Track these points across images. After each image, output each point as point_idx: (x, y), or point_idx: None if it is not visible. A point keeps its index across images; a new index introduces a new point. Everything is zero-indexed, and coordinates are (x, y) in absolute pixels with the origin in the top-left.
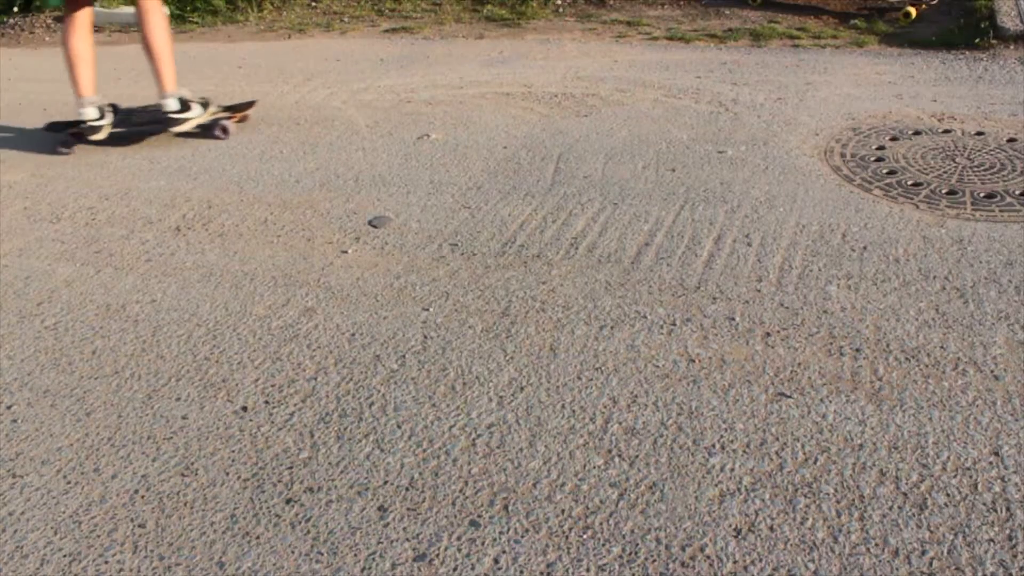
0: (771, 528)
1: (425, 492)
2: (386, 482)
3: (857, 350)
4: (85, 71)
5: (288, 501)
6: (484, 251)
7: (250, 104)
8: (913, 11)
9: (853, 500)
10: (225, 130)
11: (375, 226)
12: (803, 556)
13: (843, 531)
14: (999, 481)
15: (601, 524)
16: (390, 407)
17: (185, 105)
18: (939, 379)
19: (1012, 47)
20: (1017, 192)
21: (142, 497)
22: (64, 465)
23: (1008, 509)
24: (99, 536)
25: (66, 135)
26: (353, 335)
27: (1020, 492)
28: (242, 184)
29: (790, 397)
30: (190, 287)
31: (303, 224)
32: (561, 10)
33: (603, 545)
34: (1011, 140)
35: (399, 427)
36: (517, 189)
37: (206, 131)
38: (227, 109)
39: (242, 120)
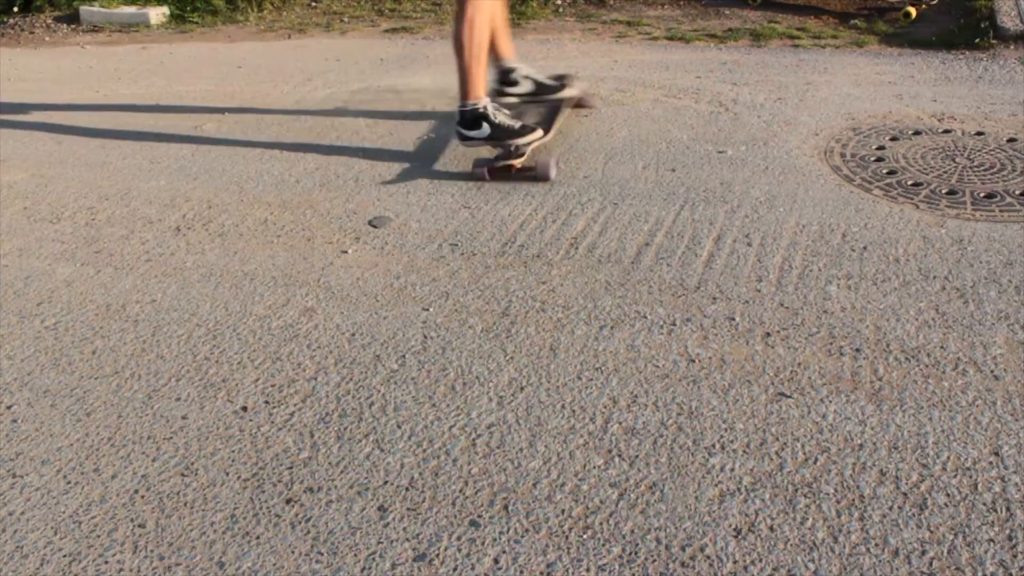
0: (771, 528)
1: (425, 492)
2: (386, 482)
3: (857, 350)
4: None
5: (288, 501)
6: (484, 251)
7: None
8: (913, 11)
9: (853, 500)
10: (556, 163)
11: (375, 226)
12: (803, 556)
13: (843, 531)
14: (999, 481)
15: (601, 524)
16: (390, 407)
17: (475, 122)
18: (939, 379)
19: (1012, 47)
20: (1017, 192)
21: (142, 497)
22: (64, 465)
23: (1008, 509)
24: (99, 536)
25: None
26: (353, 335)
27: (1020, 492)
28: (242, 184)
29: (790, 397)
30: (190, 287)
31: (303, 224)
32: (561, 10)
33: (603, 545)
34: (1011, 140)
35: (399, 427)
36: (517, 189)
37: (477, 165)
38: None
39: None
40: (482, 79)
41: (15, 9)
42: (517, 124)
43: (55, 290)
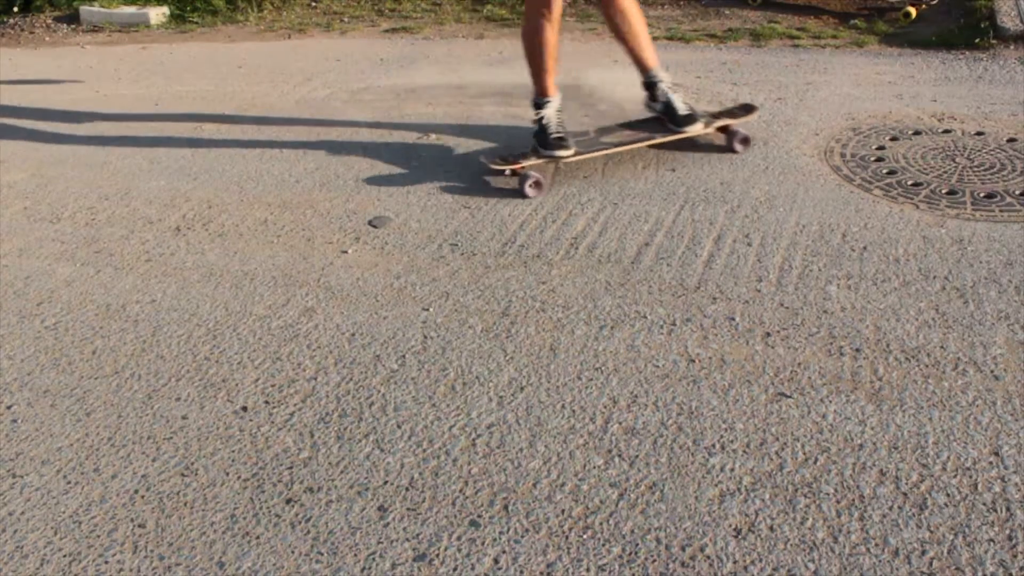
0: (771, 528)
1: (425, 492)
2: (386, 482)
3: (857, 350)
4: (554, 68)
5: (288, 501)
6: (484, 251)
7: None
8: (913, 11)
9: (853, 500)
10: (537, 184)
11: (375, 226)
12: (803, 556)
13: (843, 531)
14: (999, 481)
15: (601, 524)
16: (390, 407)
17: (540, 108)
18: (939, 379)
19: (1012, 47)
20: (1017, 192)
21: (142, 497)
22: (64, 465)
23: (1008, 509)
24: (99, 536)
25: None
26: (353, 335)
27: (1020, 492)
28: (242, 184)
29: (790, 397)
30: (190, 287)
31: (303, 224)
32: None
33: (603, 545)
34: (1011, 140)
35: (399, 427)
36: (517, 189)
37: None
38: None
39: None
40: (544, 78)
41: (15, 9)
42: (554, 135)
43: (55, 290)
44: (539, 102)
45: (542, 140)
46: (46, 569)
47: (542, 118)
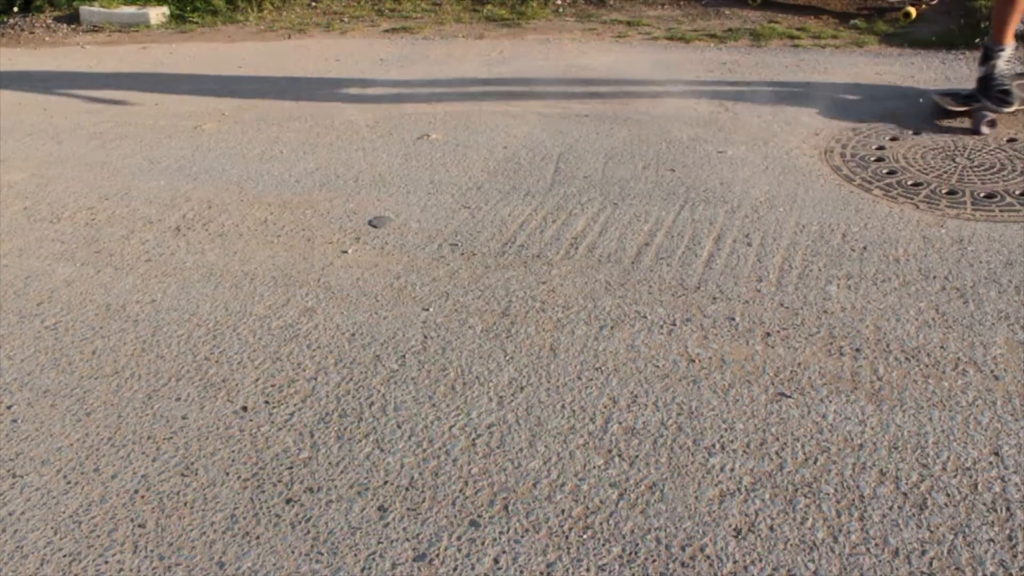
0: (771, 528)
1: (425, 492)
2: (386, 482)
3: (857, 350)
4: (1017, 21)
5: (288, 501)
6: (484, 251)
7: None
8: (913, 11)
9: (853, 500)
10: (991, 123)
11: (375, 226)
12: (803, 556)
13: (843, 531)
14: (999, 481)
15: (601, 524)
16: (390, 407)
17: (984, 60)
18: (939, 379)
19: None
20: (1017, 192)
21: (142, 497)
22: (64, 465)
23: (1008, 509)
24: (99, 536)
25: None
26: (353, 335)
27: (1020, 492)
28: (242, 184)
29: (790, 397)
30: (190, 287)
31: (303, 224)
32: (561, 10)
33: (603, 545)
34: (1011, 140)
35: (399, 427)
36: (517, 189)
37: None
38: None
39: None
40: (1004, 28)
41: (15, 9)
42: (998, 87)
43: (55, 290)
44: (992, 47)
45: (986, 90)
46: (46, 569)
47: (992, 66)
